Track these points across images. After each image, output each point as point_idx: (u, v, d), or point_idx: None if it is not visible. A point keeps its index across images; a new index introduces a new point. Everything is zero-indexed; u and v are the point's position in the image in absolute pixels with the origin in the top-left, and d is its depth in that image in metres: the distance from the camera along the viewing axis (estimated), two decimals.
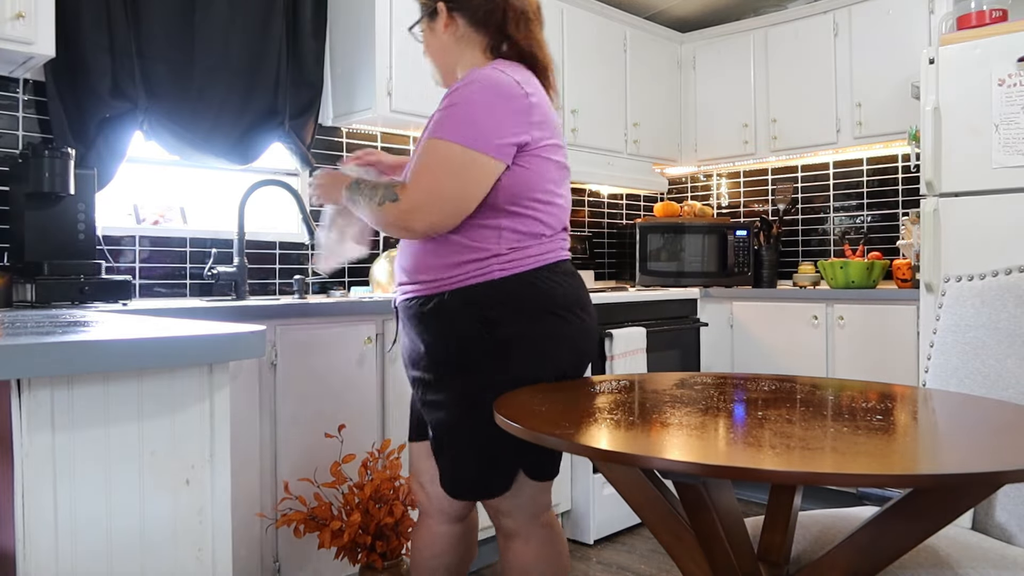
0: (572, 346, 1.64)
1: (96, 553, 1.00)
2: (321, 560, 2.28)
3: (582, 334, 1.66)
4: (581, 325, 1.65)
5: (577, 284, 1.68)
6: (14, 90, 2.43)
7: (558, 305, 1.61)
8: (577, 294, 1.66)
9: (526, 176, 1.58)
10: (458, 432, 1.63)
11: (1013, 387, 1.55)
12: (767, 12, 3.98)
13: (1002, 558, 1.35)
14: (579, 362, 1.68)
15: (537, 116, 1.59)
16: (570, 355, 1.64)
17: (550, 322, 1.60)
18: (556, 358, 1.62)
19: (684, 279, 3.82)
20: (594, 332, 1.71)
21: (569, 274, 1.67)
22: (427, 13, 1.72)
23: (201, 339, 1.07)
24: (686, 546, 1.26)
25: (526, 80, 1.60)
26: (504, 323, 1.57)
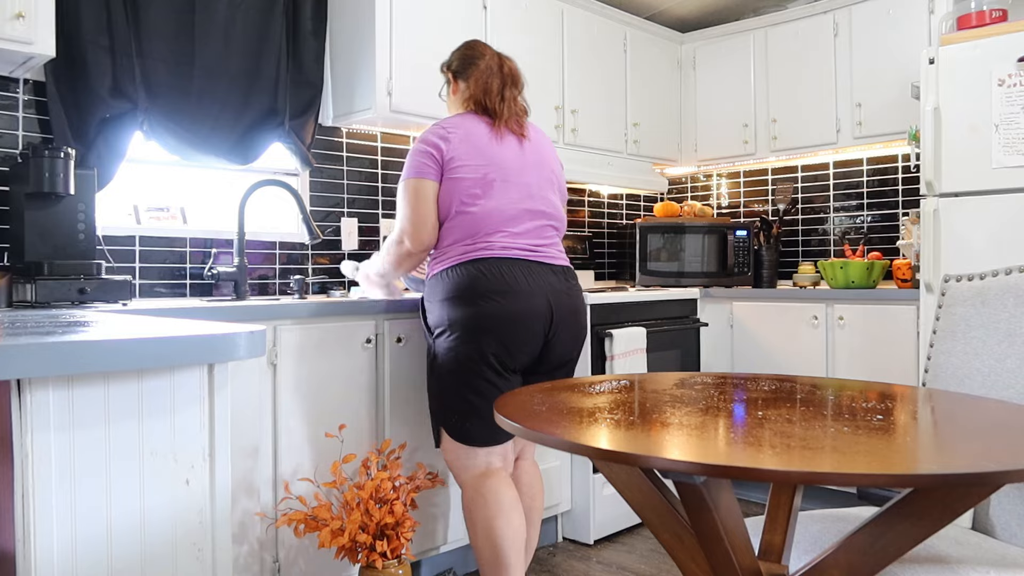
0: (479, 326, 2.09)
1: (96, 553, 1.00)
2: (321, 560, 2.28)
3: (486, 316, 2.09)
4: (483, 308, 2.09)
5: (490, 274, 2.11)
6: (14, 90, 2.43)
7: (464, 294, 2.10)
8: (484, 284, 2.10)
9: (443, 197, 2.18)
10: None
11: (1013, 387, 1.55)
12: (767, 12, 3.98)
13: (1002, 558, 1.35)
14: (491, 341, 2.09)
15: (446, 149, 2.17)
16: (479, 335, 2.09)
17: (451, 307, 2.12)
18: (465, 337, 2.10)
19: (684, 279, 3.82)
20: (505, 314, 2.09)
21: (483, 268, 2.12)
22: (446, 81, 2.40)
23: (201, 339, 1.07)
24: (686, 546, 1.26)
25: (454, 123, 2.23)
26: (429, 310, 2.22)
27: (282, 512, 2.17)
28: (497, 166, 2.19)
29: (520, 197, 2.21)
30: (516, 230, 2.18)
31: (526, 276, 2.14)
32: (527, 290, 2.13)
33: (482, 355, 2.09)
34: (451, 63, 2.35)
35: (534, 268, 2.18)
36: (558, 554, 2.94)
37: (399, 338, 2.48)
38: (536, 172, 2.27)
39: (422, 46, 3.02)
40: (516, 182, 2.21)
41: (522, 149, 2.26)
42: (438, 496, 2.57)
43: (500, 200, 2.18)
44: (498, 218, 2.17)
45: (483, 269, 2.12)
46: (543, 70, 3.50)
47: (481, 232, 2.15)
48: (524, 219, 2.21)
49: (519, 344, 2.12)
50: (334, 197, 3.16)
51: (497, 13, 3.29)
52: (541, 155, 2.31)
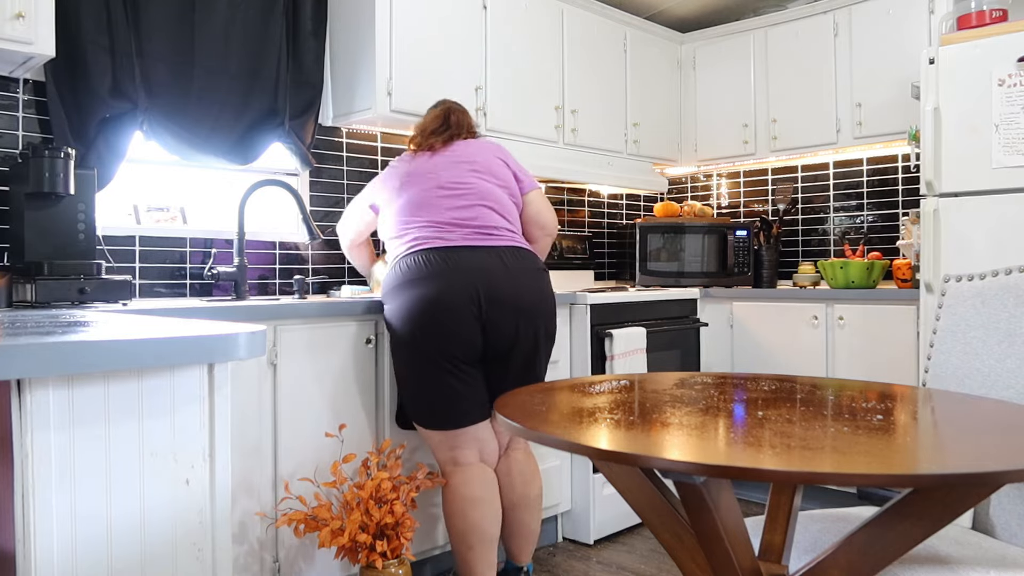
0: (408, 312, 2.22)
1: (96, 553, 1.00)
2: (321, 560, 2.28)
3: (415, 303, 2.22)
4: (401, 302, 2.24)
5: (415, 268, 2.25)
6: (14, 90, 2.43)
7: (397, 284, 2.27)
8: (405, 279, 2.25)
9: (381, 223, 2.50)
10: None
11: (1013, 387, 1.55)
12: (767, 12, 3.98)
13: (1002, 558, 1.35)
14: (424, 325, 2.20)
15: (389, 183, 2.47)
16: (408, 326, 2.22)
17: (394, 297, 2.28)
18: (396, 330, 2.26)
19: (684, 279, 3.82)
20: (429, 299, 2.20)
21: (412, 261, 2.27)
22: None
23: (201, 339, 1.07)
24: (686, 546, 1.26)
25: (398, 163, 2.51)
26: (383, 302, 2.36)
27: (282, 512, 2.17)
28: (409, 174, 2.41)
29: (428, 187, 2.35)
30: (436, 218, 2.31)
31: (446, 262, 2.23)
32: (447, 276, 2.20)
33: (422, 342, 2.20)
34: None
35: (460, 252, 2.25)
36: (558, 554, 2.94)
37: None
38: (451, 165, 2.40)
39: (422, 46, 3.02)
40: (427, 177, 2.37)
41: (434, 156, 2.43)
42: (438, 496, 2.57)
43: (410, 193, 2.36)
44: (411, 210, 2.35)
45: (413, 260, 2.27)
46: (543, 70, 3.50)
47: (403, 228, 2.37)
48: (442, 204, 2.32)
49: (456, 331, 2.19)
50: (334, 197, 3.16)
51: (497, 13, 3.29)
52: (463, 153, 2.44)
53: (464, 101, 3.17)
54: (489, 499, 2.25)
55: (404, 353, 2.24)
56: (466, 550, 2.23)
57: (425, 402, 2.24)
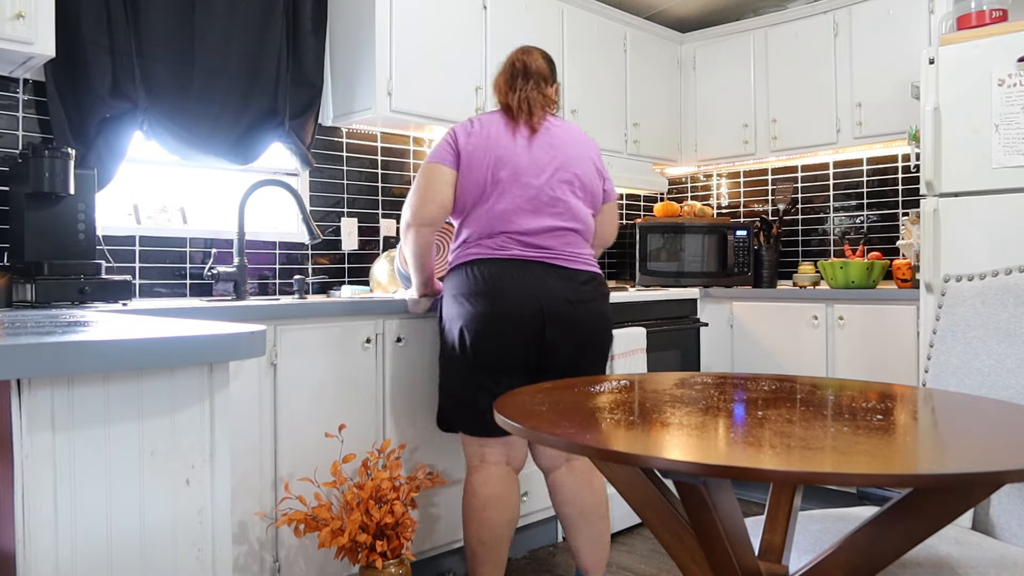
0: (467, 325, 2.15)
1: (96, 553, 1.00)
2: (321, 560, 2.28)
3: (473, 316, 2.15)
4: (472, 309, 2.15)
5: (484, 276, 2.16)
6: (14, 90, 2.43)
7: (461, 293, 2.18)
8: (478, 287, 2.15)
9: (459, 191, 2.22)
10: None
11: (1013, 387, 1.55)
12: (767, 12, 3.98)
13: (1002, 558, 1.35)
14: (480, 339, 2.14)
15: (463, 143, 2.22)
16: (472, 334, 2.15)
17: (451, 304, 2.21)
18: (459, 334, 2.18)
19: (684, 279, 3.82)
20: (494, 319, 2.13)
21: (479, 269, 2.17)
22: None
23: (201, 339, 1.07)
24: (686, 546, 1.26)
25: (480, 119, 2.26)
26: (442, 304, 2.29)
27: (282, 512, 2.17)
28: (507, 164, 2.18)
29: (527, 198, 2.19)
30: (519, 230, 2.18)
31: (518, 278, 2.15)
32: (516, 293, 2.14)
33: (469, 352, 2.16)
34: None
35: (532, 269, 2.17)
36: (558, 554, 2.94)
37: (399, 338, 2.48)
38: (551, 170, 2.22)
39: (422, 46, 3.02)
40: (524, 182, 2.19)
41: (534, 145, 2.22)
42: (438, 496, 2.57)
43: (506, 201, 2.18)
44: (501, 219, 2.19)
45: (479, 271, 2.17)
46: None
47: (485, 232, 2.20)
48: (528, 219, 2.19)
49: (504, 345, 2.14)
50: (334, 197, 3.16)
51: (497, 13, 3.29)
52: (563, 152, 2.25)
53: (464, 101, 3.17)
54: (506, 498, 2.23)
55: (456, 360, 2.21)
56: (477, 545, 2.22)
57: (469, 412, 2.22)
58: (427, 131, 3.33)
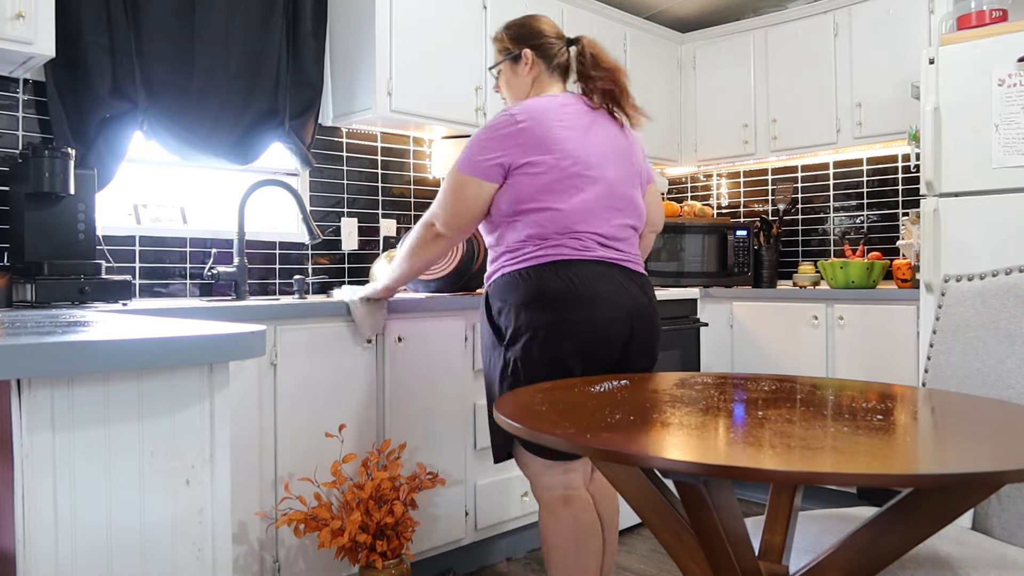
0: (564, 332, 1.88)
1: (96, 553, 1.00)
2: (321, 560, 2.28)
3: (571, 323, 1.89)
4: (569, 315, 1.89)
5: (575, 282, 1.91)
6: (14, 90, 2.43)
7: (547, 298, 1.90)
8: (568, 291, 1.90)
9: (514, 191, 1.94)
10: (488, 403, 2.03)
11: (1013, 387, 1.55)
12: (767, 12, 3.98)
13: (1002, 558, 1.35)
14: (573, 351, 1.89)
15: (523, 139, 1.91)
16: (561, 343, 1.88)
17: (534, 311, 1.90)
18: (546, 344, 1.89)
19: (684, 279, 3.82)
20: (588, 326, 1.90)
21: (568, 272, 1.91)
22: (511, 57, 2.11)
23: (201, 339, 1.07)
24: (686, 546, 1.26)
25: (532, 111, 1.94)
26: (504, 312, 1.96)
27: (282, 512, 2.17)
28: (581, 157, 1.95)
29: (603, 193, 1.98)
30: (599, 230, 1.97)
31: (609, 284, 1.94)
32: (611, 300, 1.93)
33: (563, 363, 1.90)
34: (522, 36, 2.10)
35: (616, 275, 1.97)
36: None
37: (399, 338, 2.48)
38: (621, 164, 2.04)
39: (422, 46, 3.02)
40: (599, 176, 1.97)
41: (610, 137, 2.03)
42: (438, 496, 2.57)
43: (584, 196, 1.95)
44: (581, 216, 1.94)
45: (569, 273, 1.91)
46: None
47: (562, 230, 1.94)
48: (607, 217, 1.98)
49: (599, 355, 1.93)
50: (334, 197, 3.17)
51: (497, 13, 3.29)
52: (627, 144, 2.08)
53: (464, 101, 3.17)
54: (599, 528, 2.02)
55: (546, 372, 1.90)
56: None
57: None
58: (427, 131, 3.33)
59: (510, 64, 2.11)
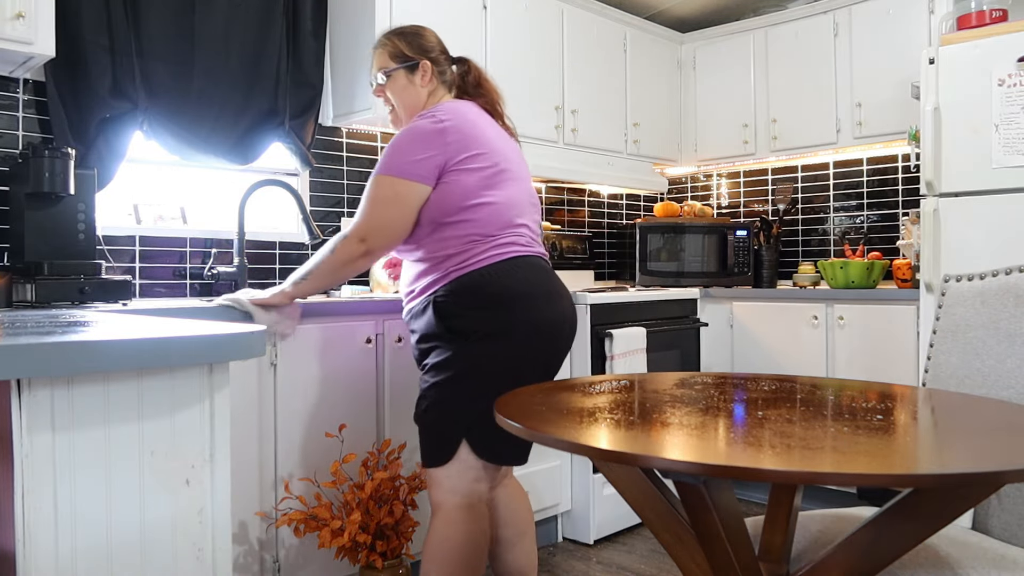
0: (520, 334, 1.86)
1: (96, 553, 1.00)
2: (321, 560, 2.28)
3: (528, 324, 1.87)
4: (527, 315, 1.87)
5: (534, 279, 1.91)
6: (14, 90, 2.43)
7: (513, 296, 1.86)
8: (531, 288, 1.88)
9: (448, 191, 1.88)
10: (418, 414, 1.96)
11: (1013, 387, 1.55)
12: (767, 12, 3.98)
13: (1002, 558, 1.35)
14: (534, 351, 1.88)
15: (452, 137, 1.89)
16: (519, 343, 1.86)
17: (492, 313, 1.85)
18: (505, 346, 1.85)
19: (684, 279, 3.82)
20: (547, 323, 1.90)
21: (524, 268, 1.90)
22: (408, 65, 2.06)
23: (201, 339, 1.07)
24: (686, 546, 1.26)
25: (455, 111, 1.94)
26: (463, 315, 1.87)
27: (282, 512, 2.17)
28: (502, 153, 1.97)
29: (524, 189, 2.02)
30: (529, 224, 1.99)
31: (554, 280, 1.98)
32: (561, 297, 1.97)
33: (533, 361, 1.89)
34: (421, 46, 2.08)
35: (550, 270, 2.01)
36: (558, 554, 2.94)
37: (399, 338, 2.48)
38: (523, 164, 2.09)
39: None
40: (517, 172, 2.01)
41: (509, 139, 2.09)
42: None
43: (513, 190, 1.96)
44: (516, 210, 1.96)
45: (525, 270, 1.90)
46: (543, 70, 3.50)
47: (505, 225, 1.91)
48: (530, 213, 2.02)
49: (558, 350, 1.96)
50: (334, 197, 3.16)
51: (497, 13, 3.29)
52: (519, 149, 2.14)
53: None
54: (487, 542, 1.96)
55: (514, 370, 1.85)
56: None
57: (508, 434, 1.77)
58: None
59: (406, 72, 2.06)
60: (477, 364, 1.86)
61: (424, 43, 2.09)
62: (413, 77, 2.06)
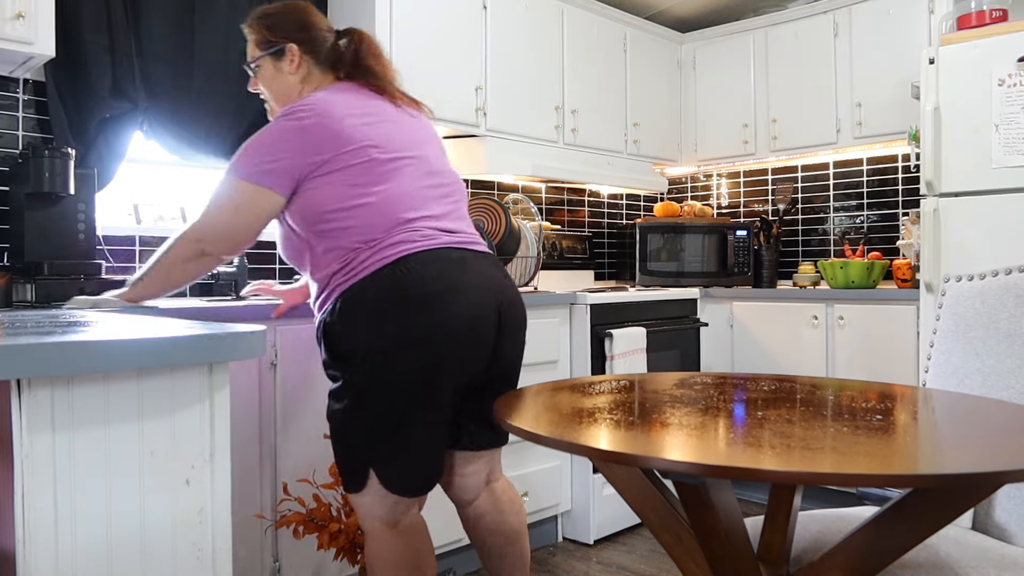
0: (427, 341, 1.64)
1: (96, 553, 1.00)
2: (321, 560, 2.28)
3: (429, 327, 1.64)
4: (425, 319, 1.63)
5: (428, 278, 1.65)
6: (14, 90, 2.43)
7: (401, 304, 1.64)
8: (423, 290, 1.64)
9: (318, 197, 1.69)
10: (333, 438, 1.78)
11: (1013, 387, 1.55)
12: (767, 12, 3.98)
13: (1002, 558, 1.35)
14: (443, 356, 1.65)
15: (314, 137, 1.68)
16: (419, 354, 1.64)
17: (379, 328, 1.64)
18: (402, 362, 1.64)
19: (684, 279, 3.82)
20: (456, 320, 1.66)
21: (415, 268, 1.66)
22: (273, 51, 1.87)
23: (201, 339, 1.07)
24: (686, 546, 1.26)
25: (320, 104, 1.71)
26: (352, 333, 1.67)
27: (281, 514, 2.17)
28: (386, 142, 1.74)
29: (422, 173, 1.77)
30: (431, 213, 1.74)
31: (465, 272, 1.71)
32: (472, 290, 1.70)
33: (435, 373, 1.66)
34: (284, 27, 1.87)
35: (469, 260, 1.73)
36: (558, 554, 2.94)
37: None
38: (429, 141, 1.86)
39: (422, 46, 3.02)
40: (413, 156, 1.77)
41: (407, 118, 1.84)
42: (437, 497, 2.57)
43: (403, 181, 1.72)
44: (407, 203, 1.71)
45: (417, 269, 1.66)
46: (543, 70, 3.50)
47: (391, 225, 1.69)
48: (435, 199, 1.77)
49: (473, 355, 1.71)
50: None
51: (497, 13, 3.29)
52: (427, 125, 1.91)
53: (464, 101, 3.17)
54: (431, 558, 1.83)
55: (416, 387, 1.66)
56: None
57: (422, 452, 1.71)
58: None
59: (272, 60, 1.87)
60: (367, 390, 1.66)
61: (288, 23, 1.87)
62: (280, 64, 1.86)
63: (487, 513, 1.93)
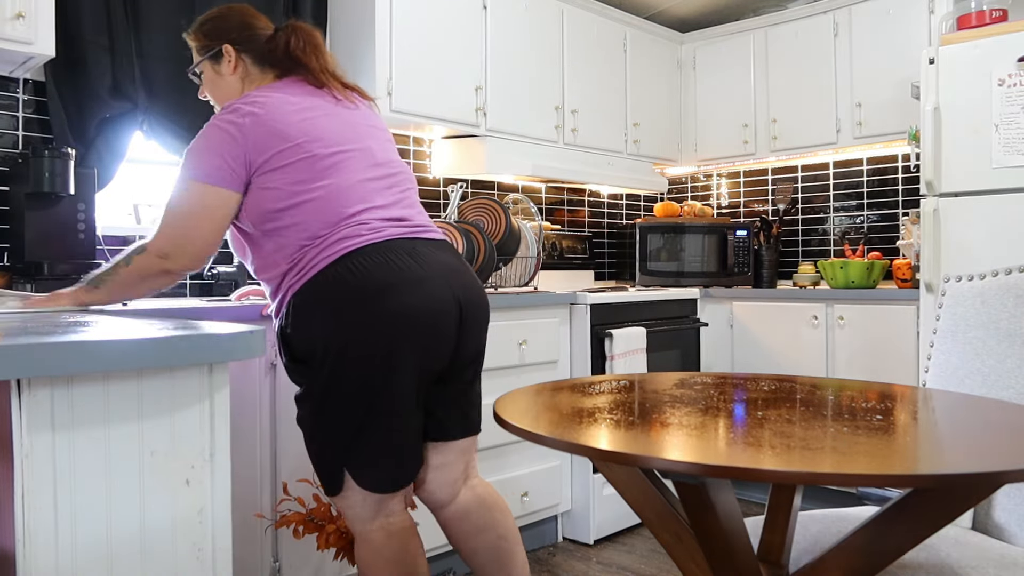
0: (382, 332, 1.61)
1: (96, 553, 1.00)
2: (321, 560, 2.28)
3: (387, 318, 1.61)
4: (377, 313, 1.60)
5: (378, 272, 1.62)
6: (14, 90, 2.43)
7: (350, 301, 1.61)
8: (373, 285, 1.61)
9: (262, 197, 1.67)
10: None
11: (1013, 387, 1.55)
12: (767, 12, 3.98)
13: (1002, 558, 1.35)
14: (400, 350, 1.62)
15: (256, 133, 1.66)
16: (374, 351, 1.61)
17: (344, 318, 1.62)
18: (358, 360, 1.62)
19: (684, 279, 3.82)
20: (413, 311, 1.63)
21: (363, 263, 1.63)
22: (211, 55, 1.86)
23: (201, 339, 1.07)
24: (686, 546, 1.26)
25: (255, 103, 1.69)
26: (301, 336, 1.67)
27: (281, 514, 2.17)
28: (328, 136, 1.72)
29: (366, 165, 1.75)
30: (376, 204, 1.72)
31: (419, 264, 1.67)
32: (427, 282, 1.66)
33: (392, 362, 1.63)
34: (220, 30, 1.86)
35: (420, 250, 1.70)
36: (558, 554, 2.94)
37: None
38: (373, 134, 1.84)
39: (422, 46, 3.02)
40: (355, 149, 1.75)
41: (349, 112, 1.82)
42: None
43: (346, 175, 1.71)
44: (351, 197, 1.69)
45: (365, 264, 1.63)
46: (543, 70, 3.50)
47: (336, 220, 1.67)
48: (380, 190, 1.75)
49: (432, 346, 1.68)
50: None
51: (497, 13, 3.29)
52: (371, 115, 1.90)
53: (464, 101, 3.17)
54: (423, 560, 1.81)
55: (379, 385, 1.64)
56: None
57: (395, 450, 1.70)
58: (427, 131, 3.33)
59: (211, 64, 1.87)
60: (327, 391, 1.65)
61: (225, 26, 1.86)
62: (219, 67, 1.86)
63: (472, 510, 1.88)
